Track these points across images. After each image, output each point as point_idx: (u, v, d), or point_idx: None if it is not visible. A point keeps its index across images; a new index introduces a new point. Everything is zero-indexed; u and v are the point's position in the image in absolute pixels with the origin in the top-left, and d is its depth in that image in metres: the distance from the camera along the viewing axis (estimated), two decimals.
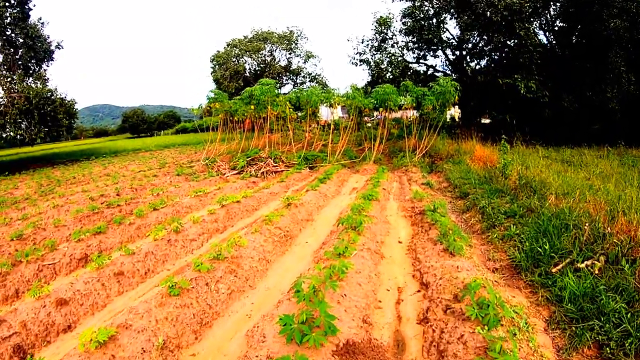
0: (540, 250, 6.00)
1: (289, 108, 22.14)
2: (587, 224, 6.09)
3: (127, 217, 10.22)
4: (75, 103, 37.63)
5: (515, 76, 21.90)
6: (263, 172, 16.61)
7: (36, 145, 62.91)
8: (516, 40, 23.39)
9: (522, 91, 21.56)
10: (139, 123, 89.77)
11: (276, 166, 17.30)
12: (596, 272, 5.22)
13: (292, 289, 4.87)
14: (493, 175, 11.62)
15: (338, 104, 19.87)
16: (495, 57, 26.58)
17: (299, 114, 28.50)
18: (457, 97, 17.57)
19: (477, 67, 29.02)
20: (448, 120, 29.50)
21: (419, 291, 5.60)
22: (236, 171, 17.29)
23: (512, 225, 7.40)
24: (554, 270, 5.57)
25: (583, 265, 5.42)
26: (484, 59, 27.82)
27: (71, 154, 42.12)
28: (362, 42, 30.41)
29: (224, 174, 17.28)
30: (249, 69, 52.04)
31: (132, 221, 9.90)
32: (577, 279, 5.15)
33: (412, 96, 18.31)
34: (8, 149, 54.22)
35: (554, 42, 24.59)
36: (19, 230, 9.67)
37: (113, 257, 7.25)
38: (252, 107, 19.98)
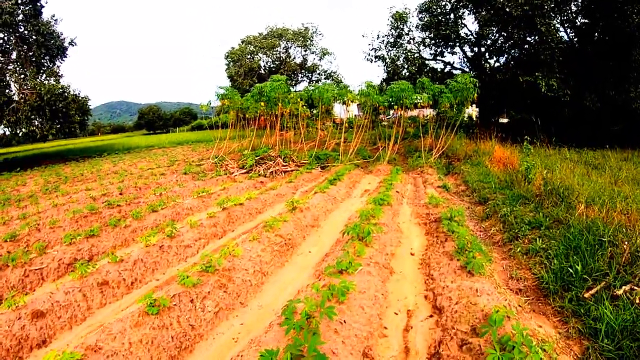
0: (571, 270, 5.23)
1: (302, 105, 21.51)
2: (626, 242, 5.30)
3: (124, 220, 9.66)
4: (89, 100, 37.85)
5: (536, 74, 20.98)
6: (272, 172, 15.98)
7: (52, 141, 63.74)
8: (537, 37, 22.47)
9: (543, 89, 20.65)
10: (155, 120, 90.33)
11: (286, 165, 16.65)
12: (637, 301, 4.43)
13: (282, 315, 4.19)
14: (514, 179, 10.78)
15: (352, 102, 19.10)
16: (515, 54, 25.60)
17: (313, 111, 27.79)
18: (476, 95, 16.67)
19: (496, 64, 28.04)
20: (465, 119, 28.48)
21: (431, 316, 4.86)
22: (244, 170, 16.69)
23: (537, 239, 6.62)
24: (586, 295, 4.80)
25: (621, 291, 4.65)
26: (503, 56, 26.81)
27: (85, 150, 42.30)
28: (378, 38, 29.60)
29: (232, 173, 16.70)
30: (264, 66, 51.52)
31: (127, 224, 9.38)
32: (615, 308, 4.39)
33: (429, 93, 17.42)
34: (24, 145, 54.76)
35: (575, 38, 23.48)
36: (14, 230, 9.25)
37: (99, 265, 6.67)
38: (263, 104, 19.35)
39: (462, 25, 26.52)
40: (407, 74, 26.79)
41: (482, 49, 28.13)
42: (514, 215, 7.97)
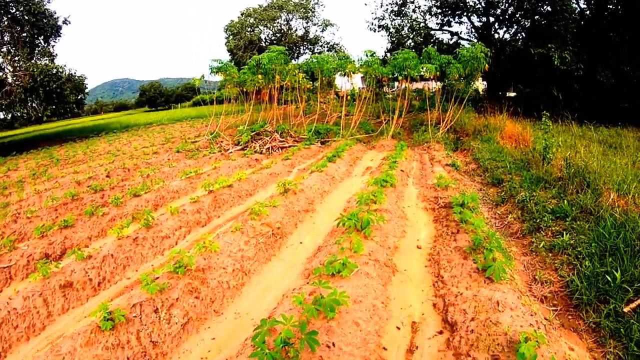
0: (608, 278, 4.31)
1: (303, 77, 20.42)
2: None
3: (102, 207, 8.81)
4: (85, 78, 37.38)
5: (549, 45, 19.78)
6: (268, 148, 15.02)
7: (53, 122, 63.15)
8: (550, 6, 21.14)
9: (555, 62, 19.61)
10: (157, 96, 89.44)
11: (283, 141, 15.66)
12: None
13: (253, 341, 3.32)
14: (531, 158, 9.81)
15: (354, 73, 17.92)
16: (526, 24, 24.27)
17: (315, 84, 26.59)
18: (487, 66, 15.46)
19: (505, 35, 26.65)
20: (473, 92, 27.14)
21: (441, 332, 3.98)
22: (240, 147, 15.75)
23: (563, 232, 5.69)
24: (626, 309, 3.90)
25: None
26: (514, 26, 25.42)
27: (83, 130, 41.93)
28: (381, 6, 28.01)
29: (227, 150, 15.78)
30: (265, 38, 50.12)
31: (105, 211, 8.52)
32: None
33: (435, 64, 16.20)
34: (26, 127, 54.25)
35: (587, 10, 22.10)
36: None
37: (63, 264, 5.86)
38: (260, 76, 18.26)
39: None
40: (412, 44, 25.41)
41: (491, 19, 26.68)
42: (533, 201, 7.03)
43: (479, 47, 15.09)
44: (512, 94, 30.85)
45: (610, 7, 21.69)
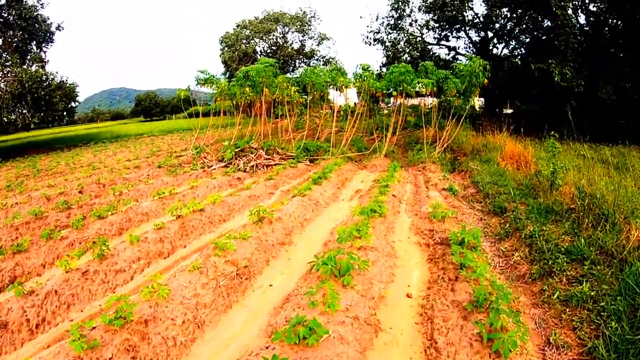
0: None
1: (295, 91, 19.61)
2: None
3: (62, 230, 7.89)
4: (77, 86, 37.20)
5: (550, 61, 19.09)
6: (253, 166, 14.06)
7: (47, 129, 62.45)
8: (551, 21, 20.53)
9: (556, 79, 18.88)
10: (152, 106, 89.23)
11: (269, 159, 14.69)
12: None
13: None
14: (536, 184, 8.92)
15: (346, 87, 17.05)
16: (526, 39, 23.62)
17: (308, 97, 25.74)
18: (486, 80, 14.61)
19: (504, 51, 26.01)
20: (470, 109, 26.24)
21: None
22: (223, 163, 14.81)
23: (581, 279, 4.76)
24: None
25: None
26: (512, 42, 24.78)
27: (74, 138, 41.35)
28: (377, 19, 27.32)
29: (210, 166, 14.84)
30: (260, 51, 49.61)
31: (64, 235, 7.57)
32: None
33: (432, 79, 15.35)
34: (19, 133, 53.47)
35: (586, 26, 21.50)
36: None
37: (1, 299, 4.99)
38: (248, 89, 17.40)
39: (469, 7, 24.36)
40: (409, 58, 24.68)
41: (490, 34, 26.04)
42: (543, 237, 6.11)
43: (477, 60, 14.26)
44: (509, 111, 30.16)
45: (610, 21, 21.19)
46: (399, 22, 26.17)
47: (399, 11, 25.93)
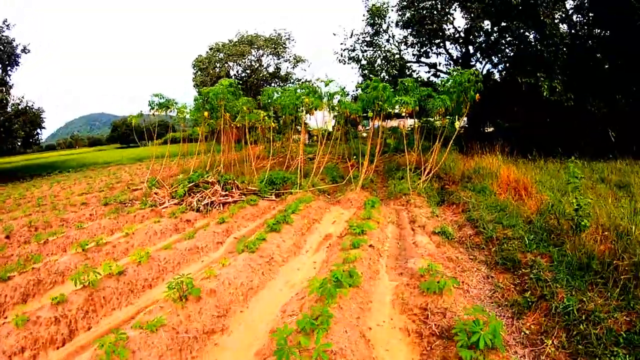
0: None
1: (265, 115, 17.63)
2: None
3: None
4: (42, 112, 35.16)
5: (538, 74, 17.62)
6: (207, 204, 11.85)
7: (13, 155, 59.62)
8: (536, 33, 19.15)
9: (545, 93, 17.39)
10: (129, 132, 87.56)
11: (227, 195, 12.51)
12: None
13: None
14: (553, 224, 6.96)
15: (316, 109, 14.91)
16: (511, 52, 22.08)
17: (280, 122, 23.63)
18: (477, 95, 12.56)
19: (487, 66, 24.44)
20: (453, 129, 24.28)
21: None
22: (176, 201, 12.61)
23: None
24: None
25: None
26: (496, 56, 23.20)
27: (39, 167, 38.97)
28: (351, 36, 25.34)
29: (162, 203, 12.64)
30: (234, 74, 47.76)
31: None
32: None
33: (415, 97, 13.27)
34: None
35: (567, 36, 20.17)
36: None
37: None
38: (206, 113, 15.29)
39: (450, 21, 22.75)
40: (387, 77, 22.81)
41: (471, 49, 24.48)
42: (585, 314, 4.11)
43: (467, 73, 12.23)
44: (490, 129, 28.56)
45: (596, 32, 19.92)
46: (375, 38, 24.22)
47: (374, 27, 24.01)
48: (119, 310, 5.95)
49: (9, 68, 31.64)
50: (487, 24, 21.55)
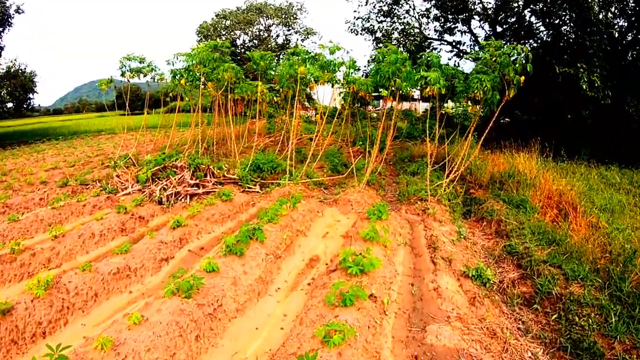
0: None
1: (263, 88, 15.26)
2: None
3: None
4: (35, 75, 33.35)
5: (579, 65, 15.12)
6: (171, 195, 9.49)
7: (15, 119, 57.86)
8: (578, 19, 16.56)
9: (584, 87, 15.33)
10: (134, 99, 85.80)
11: (196, 185, 10.11)
12: None
13: None
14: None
15: (316, 81, 12.28)
16: (548, 38, 19.42)
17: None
18: (522, 78, 9.71)
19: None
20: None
21: None
22: (140, 186, 10.29)
23: None
24: None
25: None
26: (528, 39, 20.48)
27: (27, 133, 36.51)
28: (367, 4, 22.23)
29: (125, 188, 10.36)
30: (241, 44, 45.08)
31: None
32: None
33: (439, 74, 10.03)
34: None
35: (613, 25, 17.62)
36: None
37: None
38: (183, 81, 12.85)
39: None
40: (405, 52, 20.22)
41: (498, 29, 21.70)
42: None
43: (512, 48, 9.33)
44: (507, 120, 26.09)
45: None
46: (394, 7, 21.33)
47: None
48: None
49: (0, 29, 29.73)
50: (519, 3, 18.87)
